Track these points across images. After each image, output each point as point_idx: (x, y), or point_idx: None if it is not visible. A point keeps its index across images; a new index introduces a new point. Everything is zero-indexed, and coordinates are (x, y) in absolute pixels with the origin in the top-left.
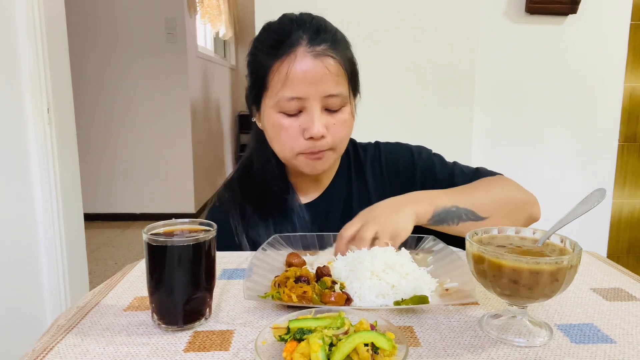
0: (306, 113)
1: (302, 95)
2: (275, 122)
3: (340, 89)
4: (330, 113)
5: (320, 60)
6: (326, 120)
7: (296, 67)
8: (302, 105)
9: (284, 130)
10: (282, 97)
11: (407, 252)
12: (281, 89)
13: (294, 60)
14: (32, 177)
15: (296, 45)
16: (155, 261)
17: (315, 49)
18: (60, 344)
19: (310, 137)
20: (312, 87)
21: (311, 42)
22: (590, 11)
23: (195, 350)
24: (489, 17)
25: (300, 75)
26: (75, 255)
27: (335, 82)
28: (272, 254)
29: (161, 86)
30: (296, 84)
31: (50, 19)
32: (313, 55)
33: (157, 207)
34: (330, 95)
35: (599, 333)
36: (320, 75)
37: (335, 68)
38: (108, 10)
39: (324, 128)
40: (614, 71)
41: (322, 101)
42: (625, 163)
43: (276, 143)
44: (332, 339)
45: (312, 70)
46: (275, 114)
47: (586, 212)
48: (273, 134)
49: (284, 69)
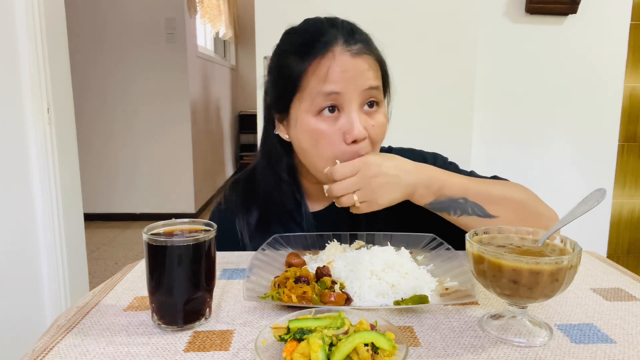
0: (344, 114)
1: (341, 89)
2: (312, 128)
3: (379, 82)
4: (368, 114)
5: (359, 58)
6: (365, 122)
7: (336, 64)
8: (339, 102)
9: (323, 137)
10: (320, 93)
11: (407, 252)
12: (319, 86)
13: (332, 58)
14: (32, 177)
15: (333, 44)
16: (155, 261)
17: (352, 48)
18: (60, 344)
19: (353, 141)
20: (351, 83)
21: (347, 42)
22: (590, 11)
23: (195, 350)
24: (489, 18)
25: (340, 74)
26: (75, 255)
27: (374, 76)
28: (272, 254)
29: (161, 86)
30: (336, 79)
31: (50, 19)
32: (351, 54)
33: (157, 207)
34: (370, 87)
35: (599, 333)
36: (360, 72)
37: (374, 65)
38: (108, 10)
39: (364, 129)
40: (614, 71)
41: (361, 96)
42: (625, 163)
43: (314, 152)
44: (332, 339)
45: (352, 69)
46: (312, 119)
47: (586, 212)
48: (310, 142)
49: (324, 68)
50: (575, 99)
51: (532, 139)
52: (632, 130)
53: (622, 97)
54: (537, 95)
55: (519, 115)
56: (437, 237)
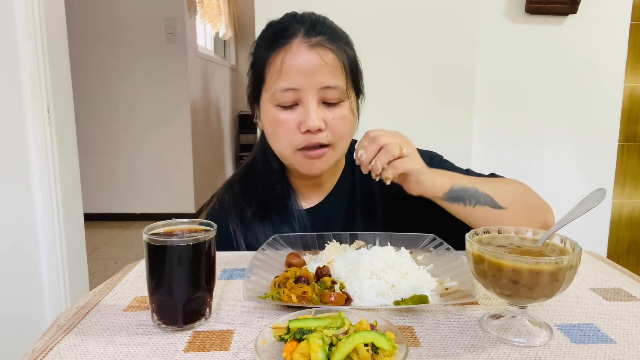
0: (302, 106)
1: (297, 86)
2: (272, 117)
3: (337, 82)
4: (329, 107)
5: (315, 51)
6: (324, 115)
7: (291, 57)
8: (297, 97)
9: (281, 124)
10: (277, 88)
11: (407, 252)
12: (276, 80)
13: (289, 51)
14: (32, 177)
15: (292, 37)
16: (155, 261)
17: (312, 40)
18: (60, 344)
19: (306, 131)
20: (307, 78)
21: (307, 34)
22: (590, 11)
23: (195, 350)
24: (489, 17)
25: (294, 66)
26: (75, 255)
27: (332, 74)
28: (271, 254)
29: (161, 86)
30: (291, 75)
31: (50, 19)
32: (308, 45)
33: (157, 207)
34: (326, 87)
35: (599, 333)
36: (315, 66)
37: (332, 60)
38: (108, 10)
39: (320, 121)
40: (614, 71)
41: (319, 93)
42: (625, 163)
43: (274, 139)
44: (332, 339)
45: (307, 61)
46: (272, 108)
47: (586, 212)
48: (270, 129)
49: (279, 60)
50: (575, 99)
51: (532, 139)
52: (632, 130)
53: (622, 97)
54: (537, 95)
55: (519, 115)
56: (437, 237)
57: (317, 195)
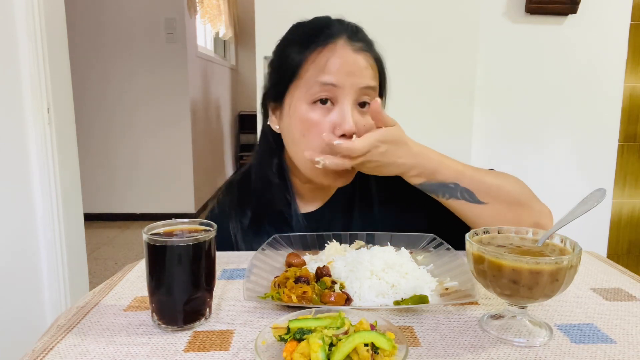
0: (338, 107)
1: (339, 83)
2: (304, 116)
3: (375, 84)
4: (361, 113)
5: (360, 54)
6: (357, 119)
7: (336, 56)
8: (334, 95)
9: (314, 126)
10: (317, 83)
11: (407, 252)
12: (317, 75)
13: (334, 50)
14: (32, 177)
15: (337, 37)
16: (155, 261)
17: (355, 44)
18: (60, 344)
19: (342, 135)
20: (349, 78)
21: (351, 38)
22: (590, 11)
23: (195, 350)
24: (489, 18)
25: (339, 64)
26: (75, 255)
27: (372, 77)
28: (271, 254)
29: (161, 86)
30: (334, 71)
31: (50, 19)
32: (353, 49)
33: (157, 207)
34: (366, 87)
35: (599, 333)
36: (359, 68)
37: (373, 66)
38: (108, 10)
39: (354, 125)
40: (614, 71)
41: (356, 94)
42: (625, 163)
43: (301, 142)
44: (332, 339)
45: (352, 62)
46: (305, 106)
47: (586, 212)
48: (300, 130)
49: (323, 57)
50: (575, 99)
51: (532, 139)
52: (632, 130)
53: (622, 97)
54: (537, 95)
55: (519, 115)
56: (437, 237)
57: (318, 199)
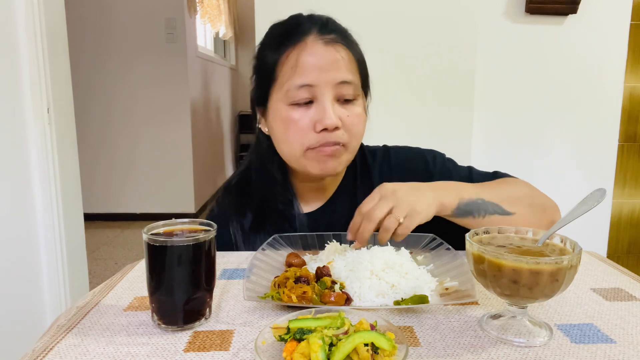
0: (317, 104)
1: (313, 82)
2: (285, 116)
3: (352, 77)
4: (344, 105)
5: (331, 46)
6: (339, 112)
7: (306, 53)
8: (312, 94)
9: (294, 124)
10: (292, 86)
11: (407, 252)
12: (290, 77)
13: (304, 47)
14: (32, 177)
15: (306, 34)
16: (155, 261)
17: (326, 37)
18: (60, 344)
19: (323, 129)
20: (323, 74)
21: (321, 31)
22: (590, 11)
23: (195, 350)
24: (489, 18)
25: (310, 62)
26: (75, 255)
27: (348, 69)
28: (272, 254)
29: (161, 86)
30: (307, 71)
31: (50, 19)
32: (324, 42)
33: (157, 207)
34: (343, 82)
35: (599, 333)
36: (331, 62)
37: (347, 56)
38: (108, 10)
39: (337, 119)
40: (614, 71)
41: (335, 90)
42: (625, 163)
43: (284, 141)
44: (332, 339)
45: (323, 57)
46: (285, 107)
47: (586, 212)
48: (282, 130)
49: (294, 57)
50: (575, 99)
51: (532, 139)
52: (632, 130)
53: (622, 97)
54: (537, 95)
55: (519, 115)
56: (437, 237)
57: (319, 199)
